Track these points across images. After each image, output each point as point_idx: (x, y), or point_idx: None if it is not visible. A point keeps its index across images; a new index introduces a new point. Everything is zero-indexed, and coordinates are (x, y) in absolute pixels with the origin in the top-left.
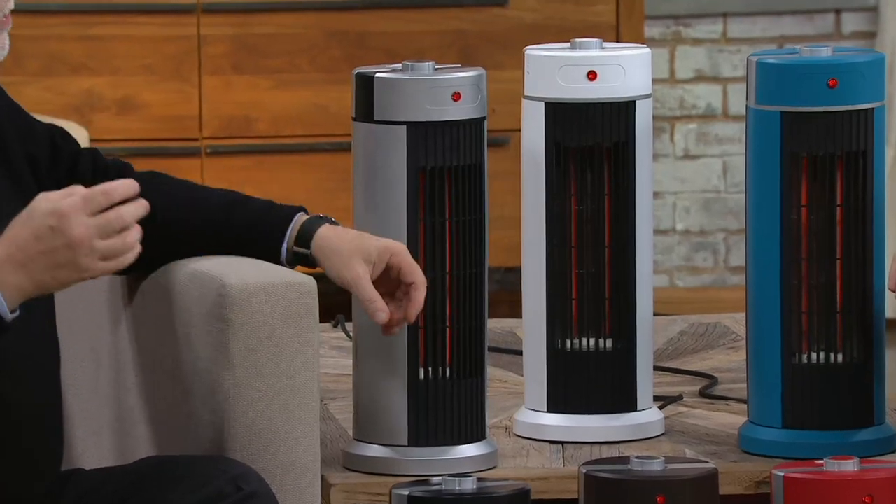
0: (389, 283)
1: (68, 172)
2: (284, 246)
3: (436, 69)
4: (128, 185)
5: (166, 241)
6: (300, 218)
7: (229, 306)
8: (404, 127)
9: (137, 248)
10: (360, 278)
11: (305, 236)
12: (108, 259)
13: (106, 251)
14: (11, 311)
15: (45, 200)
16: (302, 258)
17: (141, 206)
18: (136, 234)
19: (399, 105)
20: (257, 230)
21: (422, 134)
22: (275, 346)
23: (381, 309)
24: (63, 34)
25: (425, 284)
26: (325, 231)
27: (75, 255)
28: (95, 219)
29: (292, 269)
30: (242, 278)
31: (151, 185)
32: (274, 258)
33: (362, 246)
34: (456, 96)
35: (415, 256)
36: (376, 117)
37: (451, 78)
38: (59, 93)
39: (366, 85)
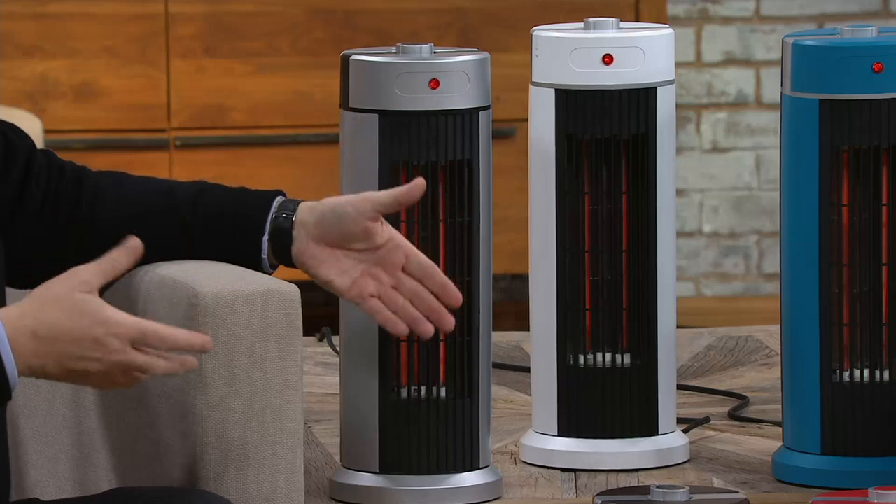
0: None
1: (24, 169)
2: (268, 220)
3: (435, 52)
4: (190, 339)
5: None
6: (280, 198)
7: (202, 317)
8: (376, 116)
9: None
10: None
11: (288, 207)
12: (117, 383)
13: (125, 379)
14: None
15: (101, 305)
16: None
17: (189, 359)
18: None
19: (371, 92)
20: (239, 207)
21: (394, 125)
22: (253, 362)
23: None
24: (14, 12)
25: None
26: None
27: (101, 372)
28: (140, 358)
29: (275, 253)
30: (217, 286)
31: (117, 190)
32: (256, 236)
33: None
34: (434, 83)
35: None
36: (351, 104)
37: (426, 63)
38: (9, 78)
39: (345, 68)
